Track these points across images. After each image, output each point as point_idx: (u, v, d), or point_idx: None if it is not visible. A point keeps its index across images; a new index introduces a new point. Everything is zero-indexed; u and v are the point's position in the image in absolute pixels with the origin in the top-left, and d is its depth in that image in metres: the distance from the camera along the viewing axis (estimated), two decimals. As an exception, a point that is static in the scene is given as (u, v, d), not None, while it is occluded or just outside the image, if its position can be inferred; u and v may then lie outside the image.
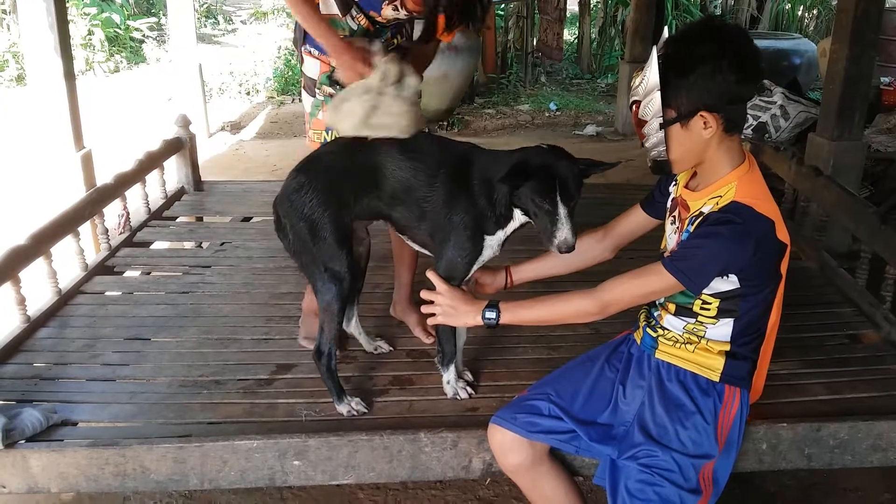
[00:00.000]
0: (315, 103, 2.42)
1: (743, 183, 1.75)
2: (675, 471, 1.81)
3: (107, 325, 2.75)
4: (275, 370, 2.44)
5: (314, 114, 2.42)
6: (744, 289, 1.77)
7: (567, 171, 1.94)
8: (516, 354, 2.58)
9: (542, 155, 2.00)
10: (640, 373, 1.97)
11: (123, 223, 3.53)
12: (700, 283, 1.75)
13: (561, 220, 1.92)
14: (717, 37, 1.70)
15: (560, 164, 1.95)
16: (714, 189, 1.78)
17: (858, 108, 4.16)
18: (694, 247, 1.75)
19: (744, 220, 1.69)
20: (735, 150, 1.79)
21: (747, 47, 1.71)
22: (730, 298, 1.80)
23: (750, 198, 1.72)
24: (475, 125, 7.93)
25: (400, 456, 2.10)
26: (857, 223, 3.03)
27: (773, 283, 1.81)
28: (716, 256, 1.71)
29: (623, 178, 5.36)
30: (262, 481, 2.11)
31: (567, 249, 1.92)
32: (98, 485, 2.06)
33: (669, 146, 1.77)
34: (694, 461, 1.83)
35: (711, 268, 1.73)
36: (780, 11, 11.50)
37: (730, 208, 1.72)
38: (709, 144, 1.75)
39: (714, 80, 1.67)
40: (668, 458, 1.82)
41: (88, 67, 9.96)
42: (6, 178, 5.47)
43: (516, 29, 9.77)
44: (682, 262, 1.74)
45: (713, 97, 1.69)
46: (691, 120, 1.72)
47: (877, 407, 2.27)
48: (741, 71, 1.68)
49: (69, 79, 3.58)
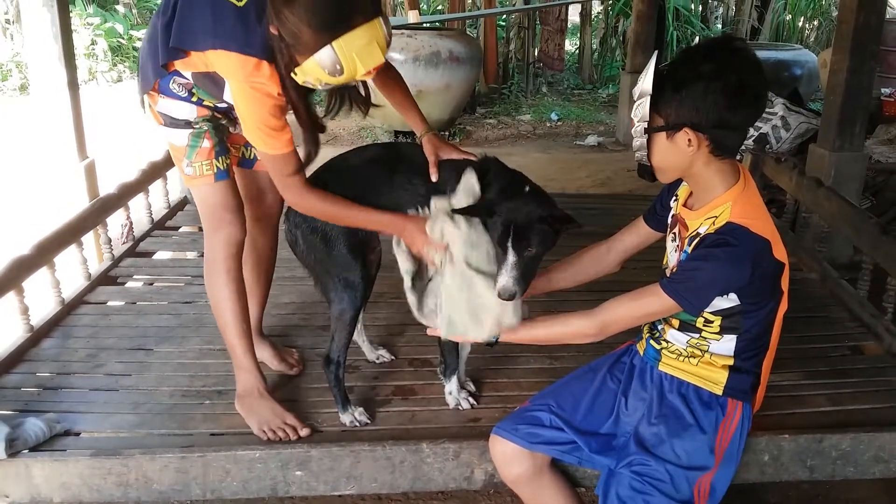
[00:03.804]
0: (196, 133, 2.15)
1: (738, 203, 1.74)
2: (666, 481, 1.81)
3: (110, 336, 2.76)
4: (277, 380, 2.44)
5: (196, 144, 2.15)
6: (744, 306, 1.77)
7: (528, 221, 1.88)
8: (518, 364, 2.58)
9: (515, 198, 1.94)
10: (643, 384, 1.97)
11: (126, 233, 3.54)
12: (699, 305, 1.75)
13: (507, 265, 1.88)
14: (722, 59, 1.67)
15: (524, 212, 1.89)
16: (709, 209, 1.77)
17: (859, 119, 4.17)
18: (692, 269, 1.74)
19: (739, 242, 1.68)
20: (727, 171, 1.76)
21: (750, 77, 1.67)
22: (731, 316, 1.80)
23: (745, 218, 1.71)
24: (476, 135, 7.94)
25: (402, 467, 2.10)
26: (858, 234, 3.03)
27: (775, 300, 1.81)
28: (714, 279, 1.71)
29: (626, 188, 5.37)
30: (264, 491, 2.11)
31: (507, 297, 1.86)
32: (101, 494, 2.06)
33: (651, 152, 1.77)
34: (688, 473, 1.83)
35: (710, 290, 1.73)
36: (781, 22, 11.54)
37: (725, 230, 1.71)
38: (693, 162, 1.73)
39: (704, 101, 1.65)
40: (660, 468, 1.82)
41: (92, 77, 10.01)
42: (10, 188, 5.49)
43: (517, 39, 9.82)
44: (681, 284, 1.74)
45: (699, 117, 1.66)
46: (677, 134, 1.70)
47: (879, 418, 2.27)
48: (734, 98, 1.65)
49: (73, 88, 3.59)
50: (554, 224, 1.91)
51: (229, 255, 2.21)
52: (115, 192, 3.38)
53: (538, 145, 7.67)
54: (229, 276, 2.22)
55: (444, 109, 7.42)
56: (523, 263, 1.89)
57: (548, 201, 1.98)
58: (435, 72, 7.08)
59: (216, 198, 2.20)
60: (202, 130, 2.16)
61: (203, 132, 2.16)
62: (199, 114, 2.15)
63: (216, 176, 2.18)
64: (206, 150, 2.16)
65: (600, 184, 6.11)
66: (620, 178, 5.97)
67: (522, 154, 7.01)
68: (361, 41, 1.74)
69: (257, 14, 1.87)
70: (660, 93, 1.69)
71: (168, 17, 1.98)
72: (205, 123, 2.16)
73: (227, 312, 2.23)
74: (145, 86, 2.12)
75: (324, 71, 1.76)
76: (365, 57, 1.76)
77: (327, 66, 1.75)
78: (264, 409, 2.19)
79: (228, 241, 2.20)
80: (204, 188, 2.19)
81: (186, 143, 2.16)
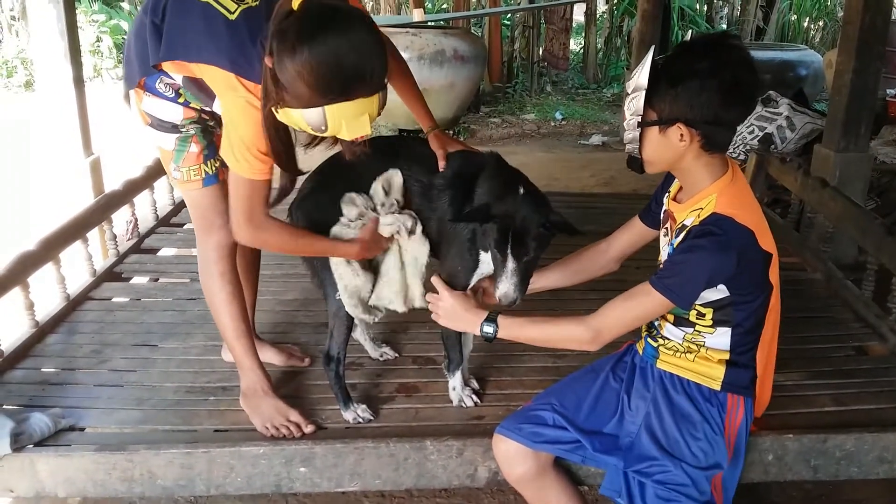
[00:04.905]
0: (183, 137, 2.10)
1: (724, 194, 1.75)
2: (689, 484, 1.82)
3: (114, 331, 2.76)
4: (281, 377, 2.45)
5: (183, 149, 2.09)
6: (734, 297, 1.78)
7: (526, 226, 1.89)
8: (522, 363, 2.58)
9: (513, 201, 1.94)
10: (645, 383, 1.97)
11: (132, 229, 3.54)
12: (688, 298, 1.75)
13: (507, 272, 1.90)
14: (718, 56, 1.68)
15: (522, 216, 1.90)
16: (695, 201, 1.79)
17: (864, 120, 4.17)
18: (678, 262, 1.75)
19: (724, 232, 1.69)
20: (716, 165, 1.78)
21: (746, 74, 1.69)
22: (722, 308, 1.80)
23: (730, 209, 1.72)
24: (481, 134, 7.94)
25: (406, 464, 2.11)
26: (863, 234, 3.03)
27: (765, 293, 1.82)
28: (700, 270, 1.71)
29: (630, 188, 5.37)
30: (268, 488, 2.11)
31: (508, 303, 1.90)
32: (105, 490, 2.06)
33: (643, 145, 1.77)
34: (706, 473, 1.84)
35: (697, 282, 1.73)
36: (786, 23, 11.54)
37: (709, 220, 1.72)
38: (683, 156, 1.75)
39: (699, 98, 1.66)
40: (679, 471, 1.82)
41: (97, 74, 10.04)
42: (15, 184, 5.50)
43: (522, 38, 9.82)
44: (668, 279, 1.74)
45: (694, 113, 1.68)
46: (669, 128, 1.71)
47: (883, 419, 2.27)
48: (728, 95, 1.67)
49: (78, 85, 3.60)
50: (551, 229, 1.92)
51: (221, 257, 2.18)
52: (121, 189, 3.39)
53: (542, 144, 7.67)
54: (224, 279, 2.20)
55: (449, 108, 7.42)
56: (522, 268, 1.90)
57: (545, 204, 1.98)
58: (439, 70, 7.08)
59: (205, 201, 2.15)
60: (189, 135, 2.10)
61: (190, 136, 2.10)
62: (186, 115, 2.08)
63: (204, 181, 2.13)
64: (195, 154, 2.10)
65: (604, 183, 6.11)
66: (624, 177, 5.96)
67: (526, 153, 7.01)
68: (354, 112, 1.68)
69: (250, 31, 1.80)
70: (654, 87, 1.70)
71: (159, 18, 1.92)
72: (192, 126, 2.10)
73: (224, 314, 2.21)
74: (130, 82, 2.06)
75: (307, 125, 1.70)
76: (353, 127, 1.70)
77: (312, 122, 1.68)
78: (268, 406, 2.19)
79: (219, 244, 2.17)
80: (193, 192, 2.16)
81: (174, 148, 2.10)
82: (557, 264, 2.16)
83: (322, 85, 1.63)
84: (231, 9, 1.83)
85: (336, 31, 1.63)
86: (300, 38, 1.62)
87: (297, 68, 1.62)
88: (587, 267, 2.14)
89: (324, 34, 1.62)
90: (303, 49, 1.61)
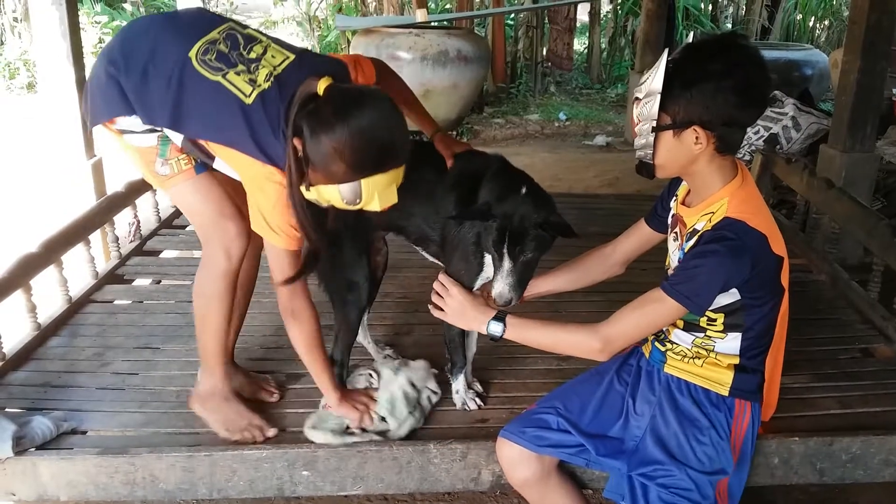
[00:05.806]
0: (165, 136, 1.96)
1: (735, 198, 1.74)
2: (692, 489, 1.81)
3: (117, 334, 2.76)
4: (284, 380, 2.44)
5: (167, 141, 1.96)
6: (745, 301, 1.76)
7: (524, 226, 1.88)
8: (526, 365, 2.57)
9: (514, 201, 1.93)
10: (651, 387, 1.96)
11: (134, 231, 3.54)
12: (703, 304, 1.73)
13: (503, 272, 1.89)
14: (730, 57, 1.67)
15: (519, 216, 1.89)
16: (706, 205, 1.77)
17: (870, 120, 4.15)
18: (691, 268, 1.72)
19: (738, 236, 1.68)
20: (727, 167, 1.77)
21: (758, 74, 1.68)
22: (734, 312, 1.79)
23: (742, 213, 1.71)
24: (484, 134, 7.93)
25: (409, 467, 2.10)
26: (869, 235, 3.01)
27: (777, 297, 1.80)
28: (715, 275, 1.69)
29: (634, 188, 5.35)
30: (270, 491, 2.10)
31: (503, 304, 1.89)
32: (107, 493, 2.06)
33: (657, 150, 1.75)
34: (710, 478, 1.83)
35: (712, 287, 1.70)
36: (792, 22, 11.50)
37: (722, 225, 1.71)
38: (697, 159, 1.74)
39: (714, 100, 1.65)
40: (684, 476, 1.81)
41: (100, 75, 10.01)
42: (17, 186, 5.50)
43: (526, 38, 9.80)
44: (682, 285, 1.72)
45: (710, 115, 1.66)
46: (684, 131, 1.70)
47: (889, 421, 2.26)
48: (743, 96, 1.66)
49: (81, 87, 3.59)
50: (549, 230, 1.90)
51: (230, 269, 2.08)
52: (123, 191, 3.39)
53: (546, 145, 7.66)
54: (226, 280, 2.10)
55: (452, 109, 7.41)
56: (519, 269, 1.88)
57: (546, 204, 1.97)
58: (443, 71, 7.08)
59: (203, 198, 2.03)
60: None
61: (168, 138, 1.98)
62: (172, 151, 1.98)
63: (197, 168, 2.00)
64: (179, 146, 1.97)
65: (608, 184, 6.09)
66: (629, 178, 5.94)
67: (530, 154, 7.00)
68: (386, 182, 1.75)
69: (270, 120, 1.80)
70: (667, 91, 1.68)
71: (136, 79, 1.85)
72: None
73: (214, 316, 2.11)
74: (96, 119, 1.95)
75: (341, 200, 1.75)
76: (384, 196, 1.76)
77: (347, 197, 1.74)
78: (229, 410, 2.16)
79: (229, 249, 2.06)
80: (185, 187, 2.01)
81: (157, 143, 1.96)
82: (562, 268, 2.15)
83: (359, 160, 1.70)
84: (246, 91, 1.83)
85: (368, 108, 1.71)
86: (337, 116, 1.69)
87: (335, 145, 1.68)
88: (592, 271, 2.13)
89: (359, 112, 1.70)
90: (342, 127, 1.68)
